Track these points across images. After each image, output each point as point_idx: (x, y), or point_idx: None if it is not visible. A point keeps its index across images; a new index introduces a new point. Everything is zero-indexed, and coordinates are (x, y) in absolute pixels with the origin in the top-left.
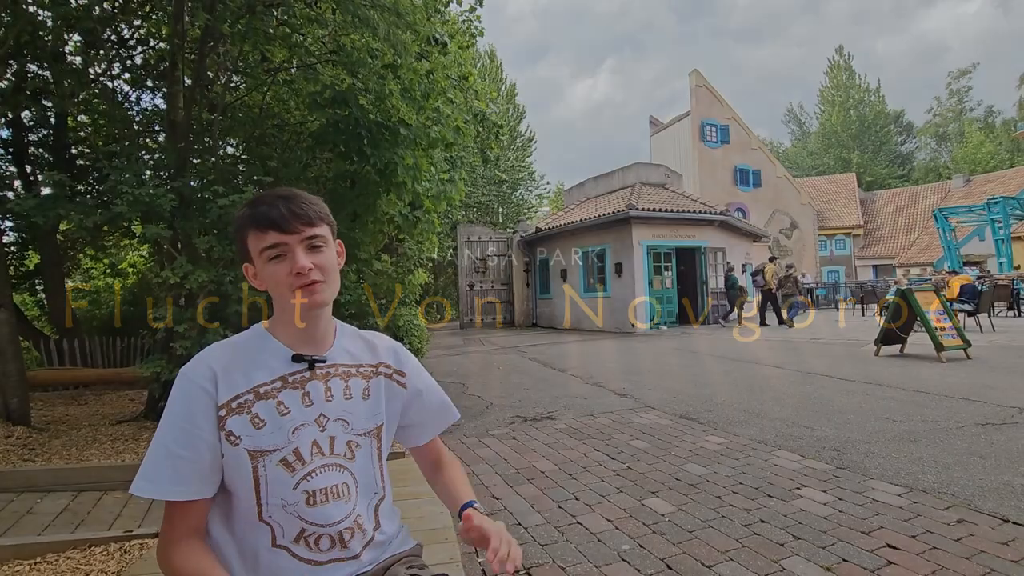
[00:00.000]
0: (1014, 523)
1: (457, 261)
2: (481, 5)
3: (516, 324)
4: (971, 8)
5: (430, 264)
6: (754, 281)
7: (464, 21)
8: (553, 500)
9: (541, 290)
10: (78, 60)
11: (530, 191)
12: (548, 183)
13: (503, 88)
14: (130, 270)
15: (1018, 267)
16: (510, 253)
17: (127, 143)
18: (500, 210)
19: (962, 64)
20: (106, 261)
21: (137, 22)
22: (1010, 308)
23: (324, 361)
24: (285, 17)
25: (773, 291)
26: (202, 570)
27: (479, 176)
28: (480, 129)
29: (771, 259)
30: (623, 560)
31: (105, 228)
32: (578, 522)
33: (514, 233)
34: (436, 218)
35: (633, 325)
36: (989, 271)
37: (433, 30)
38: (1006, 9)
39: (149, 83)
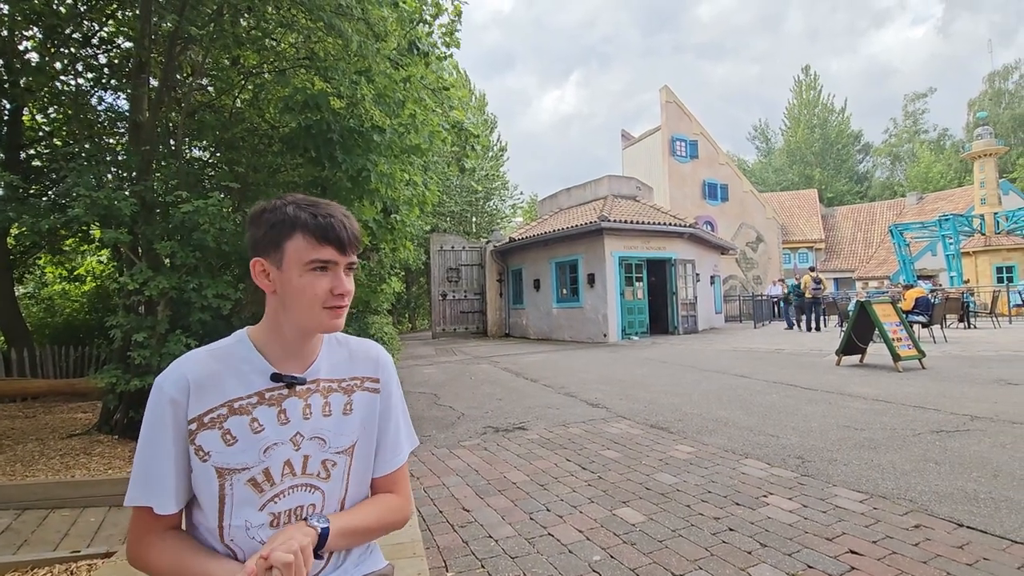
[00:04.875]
0: (968, 527)
1: (430, 270)
2: (460, 19)
3: (489, 334)
4: (917, 33)
5: (402, 273)
6: (816, 289)
7: (444, 33)
8: (524, 511)
9: (514, 300)
10: (35, 56)
11: (503, 201)
12: (521, 193)
13: (473, 98)
14: (87, 276)
15: (967, 281)
16: (483, 263)
17: (87, 144)
18: (474, 219)
19: (909, 86)
20: (69, 266)
21: (103, 20)
22: (960, 320)
23: (304, 381)
24: (255, 22)
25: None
26: (180, 559)
27: (453, 185)
28: (456, 138)
29: (811, 269)
30: (594, 571)
31: (61, 232)
32: (549, 533)
33: (487, 243)
34: (416, 220)
35: (605, 335)
36: (941, 285)
37: (413, 36)
38: (946, 35)
39: (113, 83)
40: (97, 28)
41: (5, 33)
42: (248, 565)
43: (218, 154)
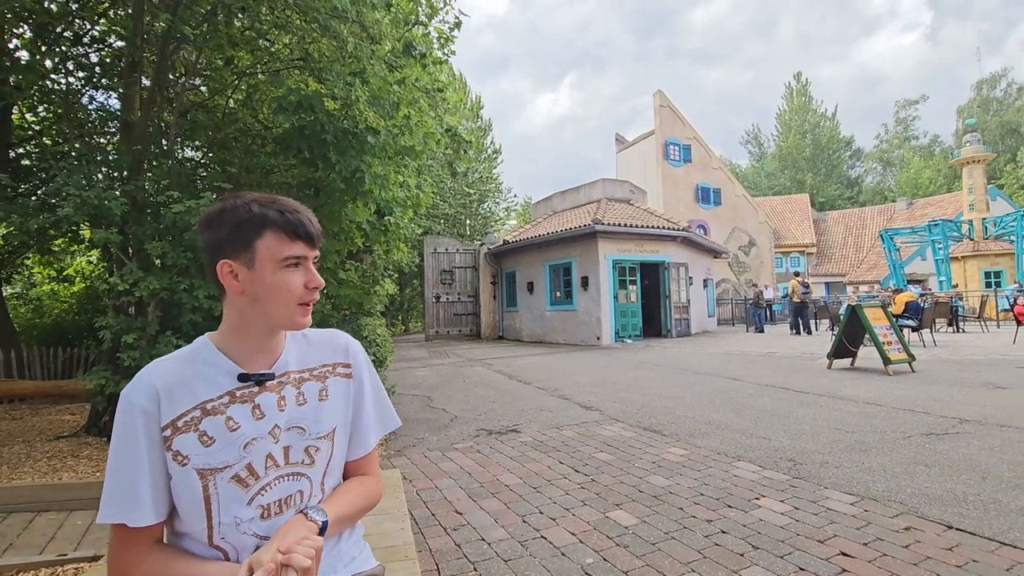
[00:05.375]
0: (957, 529)
1: (423, 272)
2: (459, 26)
3: (482, 336)
4: (907, 40)
5: (396, 275)
6: (805, 293)
7: (441, 38)
8: (517, 514)
9: (508, 303)
10: (25, 54)
11: (497, 203)
12: (515, 196)
13: (468, 102)
14: (77, 276)
15: (956, 286)
16: (477, 265)
17: (78, 144)
18: (468, 222)
19: (899, 93)
20: (58, 266)
21: (95, 18)
22: (949, 324)
23: (272, 376)
24: (249, 22)
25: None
26: (167, 570)
27: (447, 187)
28: (449, 142)
29: (796, 273)
30: (587, 574)
31: (50, 231)
32: (542, 536)
33: (481, 245)
34: (410, 222)
35: (598, 338)
36: (931, 289)
37: (408, 38)
38: (935, 42)
39: (104, 82)
40: (89, 27)
41: None
42: (261, 559)
43: (210, 154)
